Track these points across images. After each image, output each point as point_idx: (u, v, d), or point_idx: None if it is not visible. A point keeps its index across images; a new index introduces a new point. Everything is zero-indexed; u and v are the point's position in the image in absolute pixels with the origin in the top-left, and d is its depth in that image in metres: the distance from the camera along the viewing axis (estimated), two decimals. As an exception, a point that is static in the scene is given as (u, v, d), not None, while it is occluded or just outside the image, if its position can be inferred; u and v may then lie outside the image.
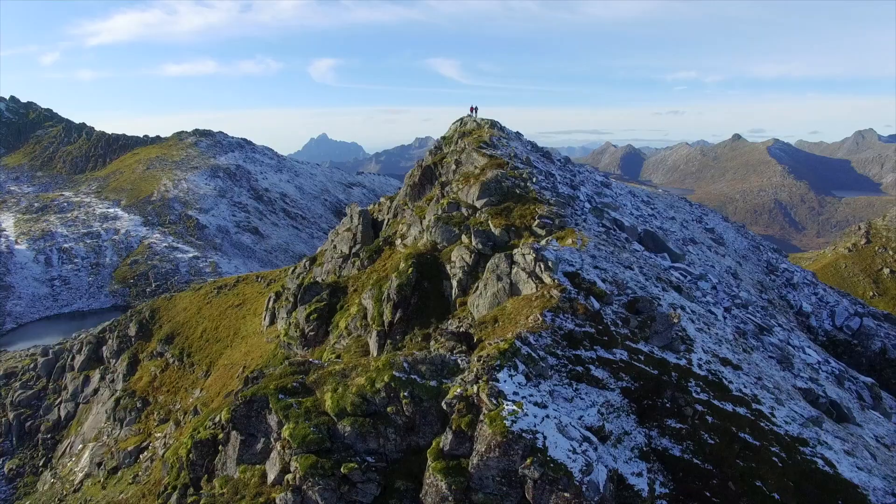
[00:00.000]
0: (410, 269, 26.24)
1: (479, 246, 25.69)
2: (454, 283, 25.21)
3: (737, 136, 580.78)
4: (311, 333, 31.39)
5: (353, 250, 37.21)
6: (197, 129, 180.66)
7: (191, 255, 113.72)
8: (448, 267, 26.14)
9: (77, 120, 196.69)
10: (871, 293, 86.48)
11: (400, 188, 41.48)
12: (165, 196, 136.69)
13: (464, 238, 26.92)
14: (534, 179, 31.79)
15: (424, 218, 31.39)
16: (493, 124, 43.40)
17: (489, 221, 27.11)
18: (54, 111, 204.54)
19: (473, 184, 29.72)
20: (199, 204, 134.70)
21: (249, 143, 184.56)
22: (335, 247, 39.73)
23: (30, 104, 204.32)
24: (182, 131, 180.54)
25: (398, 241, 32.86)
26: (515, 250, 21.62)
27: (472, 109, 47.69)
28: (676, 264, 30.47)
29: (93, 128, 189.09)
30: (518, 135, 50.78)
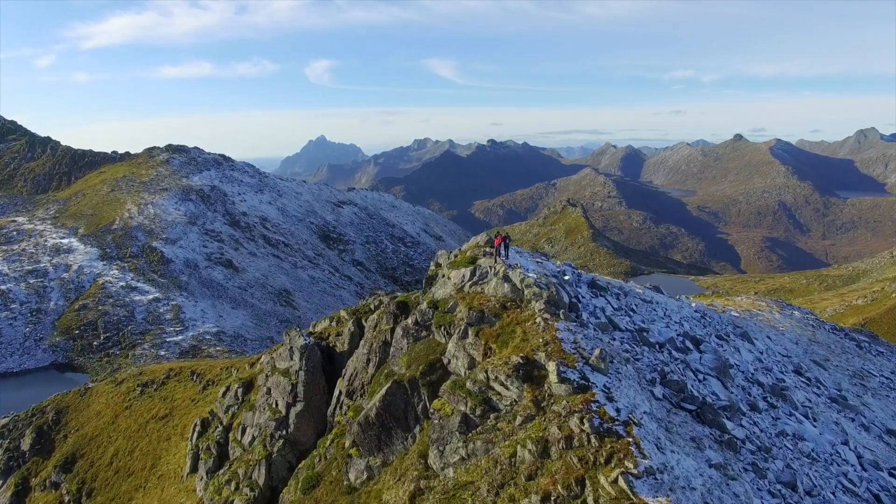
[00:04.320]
0: None
1: None
2: None
3: (738, 136, 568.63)
4: None
5: (294, 409, 22.69)
6: (170, 145, 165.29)
7: (151, 296, 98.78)
8: None
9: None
10: (954, 346, 72.14)
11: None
12: (128, 224, 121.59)
13: None
14: None
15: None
16: (555, 305, 19.54)
17: None
18: (18, 123, 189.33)
19: None
20: (166, 233, 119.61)
21: (228, 159, 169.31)
22: (269, 392, 25.22)
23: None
24: (154, 147, 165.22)
25: None
26: None
27: (497, 241, 23.61)
28: None
29: (58, 142, 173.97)
30: (599, 317, 22.20)
